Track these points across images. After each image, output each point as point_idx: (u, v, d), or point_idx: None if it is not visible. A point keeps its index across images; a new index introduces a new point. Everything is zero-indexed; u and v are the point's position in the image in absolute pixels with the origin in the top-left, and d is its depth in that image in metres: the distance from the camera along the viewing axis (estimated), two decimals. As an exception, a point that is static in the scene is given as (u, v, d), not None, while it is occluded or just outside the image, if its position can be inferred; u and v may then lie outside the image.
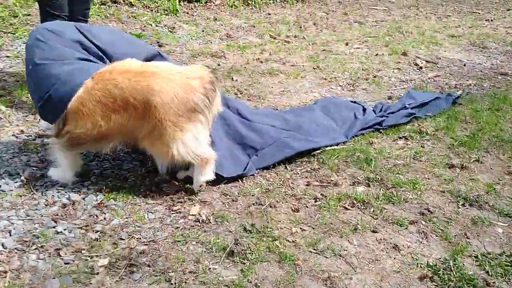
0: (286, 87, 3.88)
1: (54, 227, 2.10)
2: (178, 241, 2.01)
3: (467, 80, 4.15)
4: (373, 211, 2.21)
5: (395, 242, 1.99)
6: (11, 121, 3.10)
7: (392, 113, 3.16)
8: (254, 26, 5.79)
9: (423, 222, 2.13)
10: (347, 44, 5.20)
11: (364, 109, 3.17)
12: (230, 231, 2.08)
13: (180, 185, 2.43)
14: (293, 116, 3.05)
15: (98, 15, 5.54)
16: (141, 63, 2.34)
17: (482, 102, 3.56)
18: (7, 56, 4.22)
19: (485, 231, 2.08)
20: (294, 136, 2.77)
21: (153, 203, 2.30)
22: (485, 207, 2.25)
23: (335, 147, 2.80)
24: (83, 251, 1.94)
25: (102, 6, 5.90)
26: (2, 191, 2.33)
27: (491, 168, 2.61)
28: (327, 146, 2.77)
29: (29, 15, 5.33)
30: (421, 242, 1.99)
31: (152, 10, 6.03)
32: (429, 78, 4.21)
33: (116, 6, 5.95)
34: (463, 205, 2.26)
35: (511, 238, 2.07)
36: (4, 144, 2.80)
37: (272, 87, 3.89)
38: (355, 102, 3.34)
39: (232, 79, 4.06)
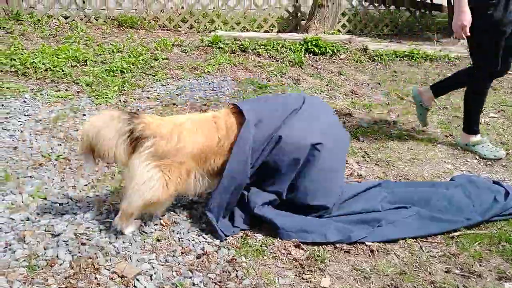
0: (417, 155, 3.73)
1: (190, 277, 2.18)
2: (310, 314, 1.97)
3: None
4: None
5: None
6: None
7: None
8: (380, 84, 5.72)
9: None
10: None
11: (508, 193, 2.90)
12: (364, 313, 1.99)
13: (308, 252, 2.41)
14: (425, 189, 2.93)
15: (228, 63, 5.88)
16: None
17: None
18: (148, 97, 4.63)
19: None
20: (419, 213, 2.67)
21: (283, 267, 2.29)
22: None
23: (477, 231, 2.59)
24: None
25: (232, 54, 6.27)
26: (144, 232, 2.49)
27: None
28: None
29: (167, 59, 5.84)
30: None
31: (278, 61, 6.25)
32: None
33: (244, 55, 6.28)
34: None
35: None
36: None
37: (401, 153, 3.76)
38: (498, 183, 3.08)
39: (359, 139, 4.01)
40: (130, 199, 2.29)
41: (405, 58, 6.80)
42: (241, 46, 6.34)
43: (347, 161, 3.48)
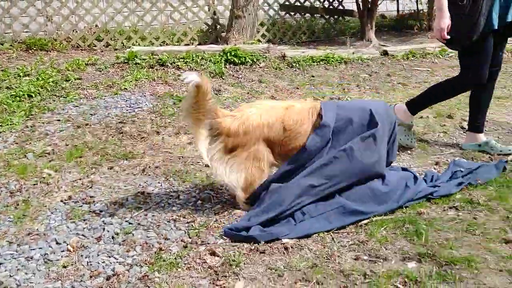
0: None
1: (98, 300, 2.10)
2: (222, 319, 1.96)
3: (519, 145, 3.99)
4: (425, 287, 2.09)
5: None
6: (60, 186, 3.21)
7: (443, 183, 3.06)
8: (298, 88, 5.88)
9: (483, 308, 1.99)
10: (390, 105, 5.16)
11: (416, 178, 3.08)
12: (275, 310, 2.01)
13: (224, 258, 2.40)
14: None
15: (146, 78, 5.81)
16: None
17: (537, 169, 3.40)
18: (58, 120, 4.45)
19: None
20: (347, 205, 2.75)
21: (197, 277, 2.27)
22: (551, 292, 2.08)
23: (384, 217, 2.72)
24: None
25: (150, 69, 6.20)
26: (49, 260, 2.38)
27: (555, 246, 2.43)
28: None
29: (80, 79, 5.66)
30: (481, 331, 1.85)
31: (198, 73, 6.26)
32: (478, 143, 4.07)
33: (163, 69, 6.23)
34: (526, 289, 2.10)
35: None
36: (52, 210, 2.89)
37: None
38: (406, 169, 3.26)
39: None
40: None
41: (321, 62, 7.04)
42: (159, 61, 6.29)
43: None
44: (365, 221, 2.70)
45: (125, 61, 6.25)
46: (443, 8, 3.43)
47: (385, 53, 7.60)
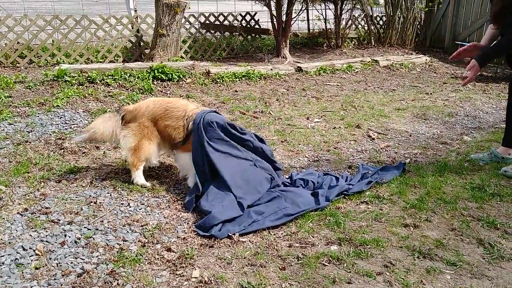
0: (260, 160, 4.39)
1: (75, 294, 2.40)
2: (187, 299, 2.36)
3: (414, 150, 4.81)
4: (346, 266, 2.66)
5: (366, 290, 2.44)
6: (13, 199, 3.40)
7: (355, 182, 3.74)
8: (224, 103, 6.36)
9: (387, 273, 2.60)
10: (308, 118, 5.84)
11: (337, 178, 3.73)
12: (230, 289, 2.46)
13: (179, 252, 2.80)
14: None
15: (77, 95, 5.97)
16: None
17: (427, 169, 4.19)
18: (-5, 138, 4.53)
19: (437, 278, 2.57)
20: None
21: (158, 269, 2.65)
22: (435, 259, 2.75)
23: (310, 213, 3.28)
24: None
25: (80, 86, 6.35)
26: (21, 264, 2.62)
27: (438, 226, 3.15)
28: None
29: (10, 97, 5.69)
30: (387, 289, 2.46)
31: (127, 89, 6.52)
32: (381, 148, 4.84)
33: (93, 86, 6.41)
34: (418, 257, 2.76)
35: (457, 282, 2.56)
36: (11, 221, 3.09)
37: (248, 160, 4.39)
38: (327, 174, 3.88)
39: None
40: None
41: (243, 78, 7.61)
42: (89, 78, 6.45)
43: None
44: (294, 216, 3.23)
45: (54, 78, 6.34)
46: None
47: (299, 69, 8.37)
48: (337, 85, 7.83)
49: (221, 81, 7.32)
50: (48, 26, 7.59)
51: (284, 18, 9.23)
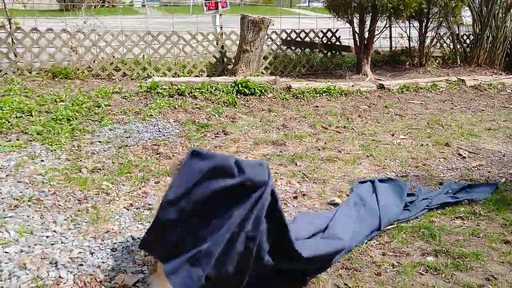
0: (346, 173, 4.40)
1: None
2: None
3: (509, 170, 4.59)
4: (445, 276, 2.61)
5: (469, 303, 2.38)
6: (119, 196, 3.68)
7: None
8: (305, 117, 6.45)
9: (490, 286, 2.51)
10: (392, 135, 5.77)
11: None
12: (326, 290, 2.50)
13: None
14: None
15: (168, 106, 6.35)
16: None
17: (525, 188, 3.99)
18: (99, 141, 4.94)
19: (545, 296, 2.46)
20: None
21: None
22: (542, 276, 2.62)
23: (401, 225, 3.25)
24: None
25: (170, 98, 6.74)
26: (131, 251, 2.84)
27: (543, 244, 2.99)
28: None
29: (109, 105, 6.17)
30: (491, 302, 2.38)
31: (213, 102, 6.82)
32: (473, 167, 4.67)
33: (182, 98, 6.78)
34: (523, 273, 2.65)
35: None
36: (120, 214, 3.36)
37: (333, 172, 4.42)
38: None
39: (296, 164, 4.62)
40: None
41: (323, 94, 7.67)
42: (178, 90, 6.84)
43: (290, 181, 4.08)
44: (387, 228, 3.22)
45: (148, 90, 6.79)
46: None
47: (381, 86, 8.29)
48: (421, 103, 7.66)
49: (301, 96, 7.44)
50: (141, 41, 8.16)
51: (366, 35, 9.23)
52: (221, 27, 9.23)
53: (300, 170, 4.46)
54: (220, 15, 9.05)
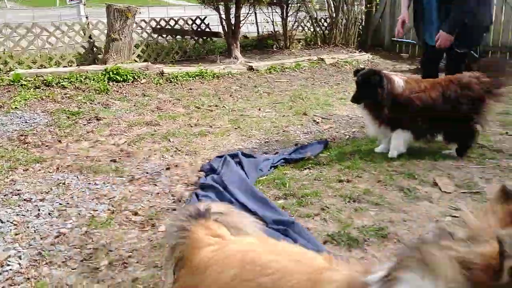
0: (216, 144, 4.80)
1: (53, 250, 2.72)
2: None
3: (352, 129, 5.38)
4: (290, 211, 3.13)
5: (307, 226, 2.91)
6: None
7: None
8: (179, 100, 6.74)
9: (323, 213, 3.09)
10: (259, 109, 6.31)
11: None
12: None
13: (145, 216, 3.17)
14: None
15: (35, 98, 6.19)
16: None
17: (362, 141, 4.75)
18: None
19: (363, 214, 3.10)
20: None
21: (127, 229, 3.01)
22: (363, 201, 3.28)
23: (262, 178, 3.74)
24: None
25: (36, 89, 6.55)
26: (1, 232, 2.91)
27: (367, 180, 3.68)
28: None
29: None
30: (323, 224, 2.93)
31: (84, 91, 6.78)
32: (324, 129, 5.37)
33: (50, 89, 6.63)
34: (348, 201, 3.28)
35: (379, 215, 3.08)
36: None
37: (205, 144, 4.79)
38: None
39: (169, 140, 4.90)
40: None
41: (197, 77, 8.01)
42: (45, 81, 6.67)
43: (163, 155, 4.37)
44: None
45: (10, 83, 6.52)
46: None
47: (251, 68, 8.86)
48: (287, 81, 8.36)
49: (175, 80, 7.69)
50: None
51: (233, 21, 9.72)
52: (86, 17, 9.05)
53: (173, 145, 4.76)
54: (84, 4, 8.87)
